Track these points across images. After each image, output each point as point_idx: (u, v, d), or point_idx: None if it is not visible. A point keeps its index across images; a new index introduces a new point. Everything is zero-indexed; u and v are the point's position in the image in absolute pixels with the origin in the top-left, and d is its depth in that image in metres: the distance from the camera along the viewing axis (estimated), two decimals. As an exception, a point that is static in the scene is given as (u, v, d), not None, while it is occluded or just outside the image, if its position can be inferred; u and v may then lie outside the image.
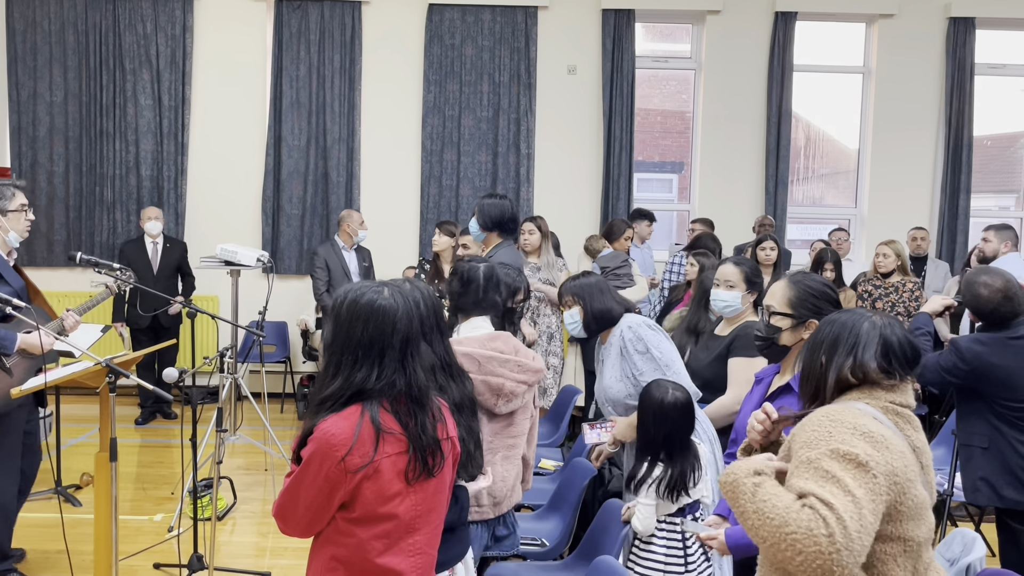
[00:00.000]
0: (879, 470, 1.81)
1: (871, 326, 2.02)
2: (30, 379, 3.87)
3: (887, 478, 1.82)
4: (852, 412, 1.90)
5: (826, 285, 2.83)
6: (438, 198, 8.13)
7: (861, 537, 1.73)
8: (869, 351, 1.98)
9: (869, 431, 1.85)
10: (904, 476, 1.85)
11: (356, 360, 1.99)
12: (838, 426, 1.87)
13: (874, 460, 1.81)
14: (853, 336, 2.02)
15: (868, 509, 1.77)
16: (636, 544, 3.19)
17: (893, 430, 1.91)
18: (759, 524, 1.81)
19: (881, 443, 1.84)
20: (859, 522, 1.74)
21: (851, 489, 1.77)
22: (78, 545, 4.45)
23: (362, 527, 1.99)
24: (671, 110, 8.86)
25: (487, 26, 8.05)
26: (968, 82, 8.21)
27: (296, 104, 8.04)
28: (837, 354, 2.02)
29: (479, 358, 2.86)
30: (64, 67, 7.95)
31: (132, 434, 6.92)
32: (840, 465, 1.81)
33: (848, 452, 1.81)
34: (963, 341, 3.64)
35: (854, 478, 1.79)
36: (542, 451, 5.15)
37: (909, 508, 1.86)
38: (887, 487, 1.81)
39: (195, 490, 4.35)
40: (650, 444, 3.16)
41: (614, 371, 3.47)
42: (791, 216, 8.39)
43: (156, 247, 7.12)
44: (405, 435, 2.00)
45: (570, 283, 3.65)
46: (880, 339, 2.00)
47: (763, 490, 1.85)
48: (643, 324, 3.47)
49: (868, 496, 1.78)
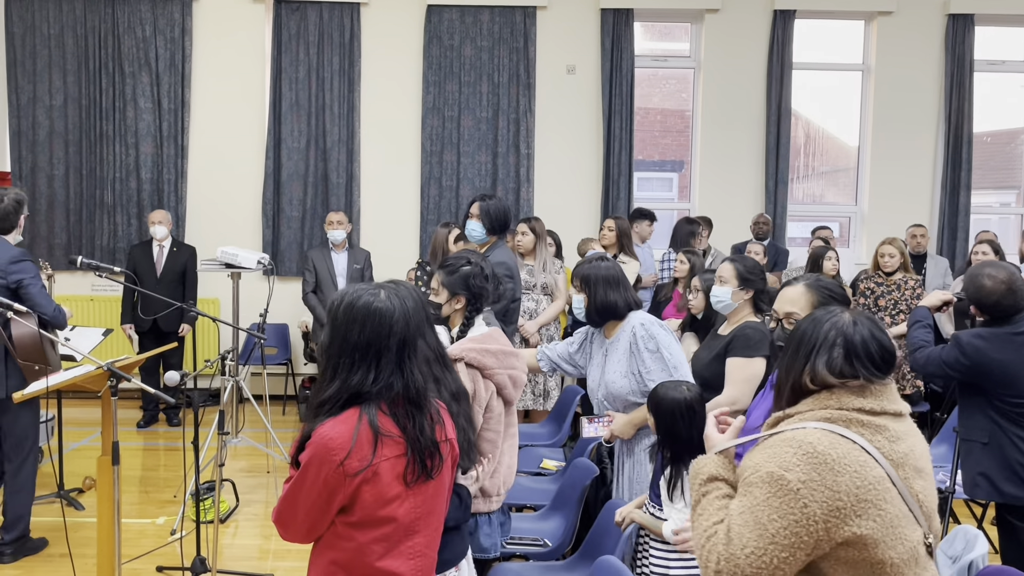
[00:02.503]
0: (815, 497, 1.75)
1: (832, 327, 1.92)
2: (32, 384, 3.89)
3: (826, 505, 1.75)
4: (810, 433, 1.82)
5: (839, 286, 2.83)
6: (438, 199, 8.13)
7: (759, 574, 1.75)
8: (823, 356, 1.89)
9: (818, 452, 1.78)
10: (860, 497, 1.77)
11: (353, 363, 1.99)
12: (786, 446, 1.81)
13: (809, 487, 1.75)
14: (812, 340, 1.93)
15: (782, 545, 1.75)
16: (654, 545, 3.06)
17: (860, 446, 1.82)
18: (692, 534, 1.94)
19: (831, 466, 1.77)
20: (760, 558, 1.75)
21: (764, 522, 1.76)
22: (81, 548, 4.46)
23: (361, 531, 1.99)
24: (670, 109, 8.86)
25: (486, 26, 8.05)
26: (967, 78, 8.20)
27: (295, 106, 8.04)
28: (797, 359, 1.94)
29: (496, 353, 2.91)
30: (63, 71, 7.95)
31: (134, 437, 6.93)
32: (767, 492, 1.78)
33: (780, 477, 1.77)
34: (965, 336, 3.63)
35: (777, 509, 1.76)
36: (544, 451, 5.16)
37: (874, 530, 1.77)
38: (825, 514, 1.75)
39: (197, 493, 4.36)
40: (682, 446, 2.99)
41: (619, 366, 3.44)
42: (791, 214, 8.38)
43: (162, 251, 7.12)
44: (403, 438, 2.00)
45: (581, 267, 3.58)
46: (843, 340, 1.90)
47: (701, 504, 1.92)
48: (655, 323, 3.44)
49: (787, 531, 1.75)
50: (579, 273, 3.53)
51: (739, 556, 1.76)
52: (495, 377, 2.92)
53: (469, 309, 3.05)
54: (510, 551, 3.65)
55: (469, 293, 3.04)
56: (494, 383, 2.93)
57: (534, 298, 6.14)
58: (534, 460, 4.98)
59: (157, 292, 5.90)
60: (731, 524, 1.81)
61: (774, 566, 1.75)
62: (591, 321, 3.54)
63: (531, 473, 4.82)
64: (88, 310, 7.88)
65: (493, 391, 2.94)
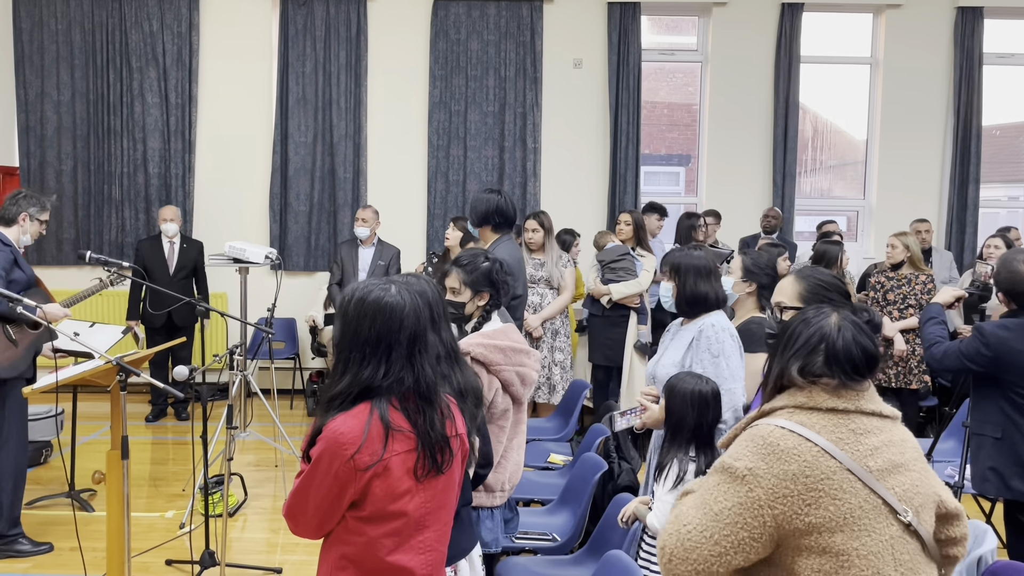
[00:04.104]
0: (759, 483, 1.81)
1: (817, 331, 1.94)
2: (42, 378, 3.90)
3: (771, 491, 1.80)
4: (764, 428, 1.89)
5: (835, 276, 2.81)
6: (445, 193, 8.13)
7: (699, 547, 1.81)
8: (799, 360, 1.93)
9: (768, 443, 1.84)
10: (810, 487, 1.79)
11: (364, 357, 2.00)
12: (742, 441, 1.90)
13: (754, 473, 1.82)
14: (796, 340, 1.96)
15: (726, 523, 1.81)
16: (648, 541, 3.11)
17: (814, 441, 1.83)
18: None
19: (778, 455, 1.82)
20: (701, 533, 1.82)
21: (709, 503, 1.84)
22: (90, 542, 4.48)
23: (372, 525, 2.00)
24: (678, 103, 8.84)
25: (492, 20, 8.04)
26: (976, 72, 8.17)
27: (302, 101, 8.04)
28: (782, 357, 1.98)
29: (506, 350, 2.91)
30: (71, 66, 7.97)
31: (143, 431, 6.95)
32: (718, 479, 1.87)
33: (730, 466, 1.86)
34: (988, 326, 3.60)
35: (724, 493, 1.84)
36: (552, 446, 5.17)
37: (828, 519, 1.79)
38: (770, 500, 1.80)
39: (206, 487, 4.37)
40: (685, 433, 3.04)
41: (675, 355, 3.34)
42: (799, 208, 8.36)
43: (173, 246, 7.14)
44: (414, 432, 2.00)
45: (673, 255, 3.45)
46: (824, 346, 1.91)
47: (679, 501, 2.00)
48: (728, 329, 3.31)
49: (731, 510, 1.82)
50: (670, 261, 3.40)
51: (681, 531, 1.84)
52: (501, 373, 2.92)
53: (490, 304, 3.05)
54: (518, 546, 3.65)
55: (493, 288, 3.04)
56: (499, 379, 2.93)
57: (539, 292, 6.15)
58: (542, 454, 4.98)
59: (170, 288, 5.91)
60: (681, 508, 1.91)
61: (714, 541, 1.81)
62: (680, 311, 3.39)
63: (538, 467, 4.82)
64: (95, 305, 7.90)
65: (498, 387, 2.94)
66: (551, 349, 6.24)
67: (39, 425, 5.86)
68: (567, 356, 6.31)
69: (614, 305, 6.24)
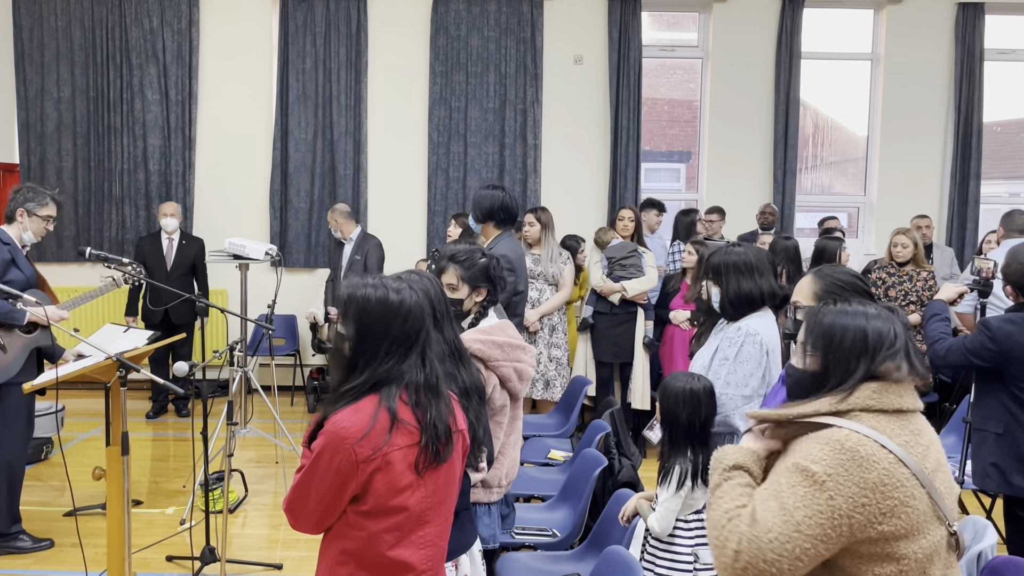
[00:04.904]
0: (840, 491, 1.74)
1: (892, 329, 1.89)
2: (42, 374, 3.91)
3: (852, 500, 1.74)
4: (838, 431, 1.80)
5: (855, 276, 2.74)
6: (445, 190, 8.12)
7: (780, 561, 1.71)
8: (866, 359, 1.86)
9: (846, 448, 1.77)
10: (887, 495, 1.75)
11: (370, 353, 2.01)
12: (814, 442, 1.81)
13: (835, 480, 1.74)
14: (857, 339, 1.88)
15: (806, 535, 1.72)
16: (653, 543, 3.06)
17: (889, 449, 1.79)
18: (708, 518, 1.88)
19: (859, 462, 1.75)
20: (783, 545, 1.72)
21: (789, 508, 1.74)
22: (91, 538, 4.49)
23: (373, 520, 2.00)
24: (678, 99, 8.82)
25: (493, 17, 8.03)
26: (977, 68, 8.16)
27: (303, 97, 8.04)
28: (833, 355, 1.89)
29: (503, 345, 2.91)
30: (71, 63, 7.97)
31: (144, 428, 6.96)
32: (794, 480, 1.78)
33: (807, 468, 1.77)
34: (994, 321, 3.59)
35: (802, 497, 1.75)
36: (552, 442, 5.17)
37: (899, 527, 1.76)
38: (850, 509, 1.73)
39: (207, 483, 4.37)
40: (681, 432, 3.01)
41: (705, 357, 3.25)
42: (800, 204, 8.36)
43: (172, 243, 7.14)
44: (418, 427, 2.01)
45: (713, 257, 3.25)
46: (902, 343, 1.88)
47: (721, 489, 1.88)
48: (756, 336, 3.12)
49: (811, 520, 1.73)
50: (711, 264, 3.23)
51: (762, 539, 1.74)
52: (499, 369, 2.92)
53: (487, 300, 3.05)
54: (518, 541, 3.66)
55: (490, 284, 3.04)
56: (497, 375, 2.93)
57: (537, 287, 6.15)
58: (541, 451, 4.98)
59: (168, 284, 5.90)
60: (756, 507, 1.79)
61: (795, 556, 1.73)
62: (725, 314, 3.21)
63: (538, 464, 4.83)
64: (94, 302, 7.90)
65: (496, 383, 2.94)
66: (548, 345, 6.24)
67: (39, 422, 5.84)
68: (564, 352, 6.31)
69: (623, 302, 6.23)
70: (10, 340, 4.26)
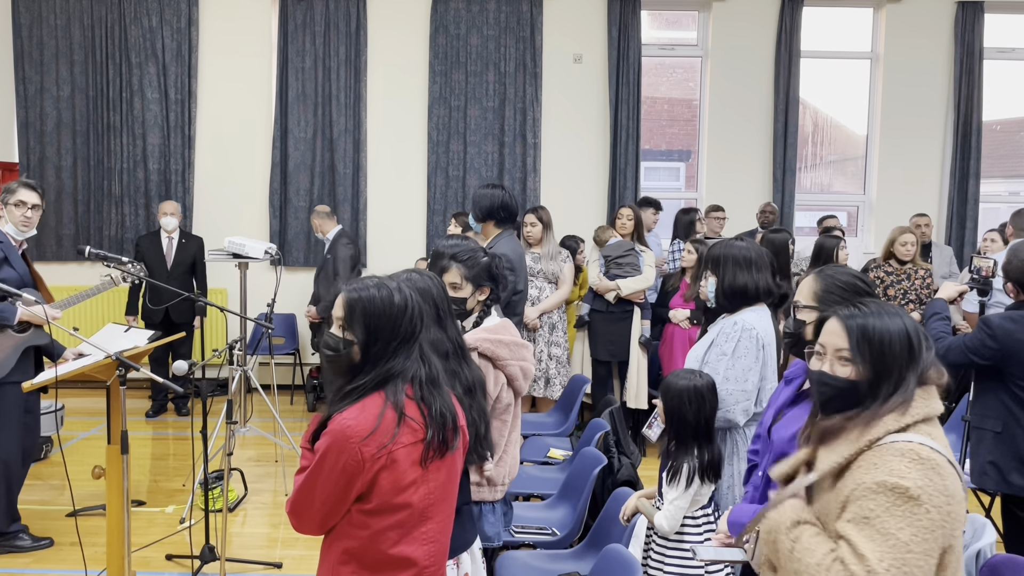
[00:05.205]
0: (933, 503, 1.65)
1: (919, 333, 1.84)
2: (42, 373, 3.90)
3: (942, 509, 1.65)
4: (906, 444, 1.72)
5: (855, 276, 2.73)
6: (445, 189, 8.12)
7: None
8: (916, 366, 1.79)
9: (924, 458, 1.69)
10: (960, 503, 1.69)
11: (379, 354, 2.03)
12: (888, 456, 1.71)
13: (927, 492, 1.65)
14: (920, 339, 1.81)
15: (917, 553, 1.61)
16: (660, 542, 3.04)
17: (951, 455, 1.75)
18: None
19: (937, 470, 1.68)
20: (900, 569, 1.60)
21: (892, 531, 1.63)
22: (91, 537, 4.49)
23: (377, 518, 2.01)
24: (678, 98, 8.82)
25: (492, 15, 8.02)
26: (977, 66, 8.16)
27: (302, 96, 8.04)
28: (913, 362, 1.80)
29: (509, 344, 2.92)
30: (71, 62, 7.97)
31: (143, 427, 6.96)
32: (885, 501, 1.66)
33: (898, 485, 1.65)
34: (995, 319, 3.59)
35: (901, 517, 1.64)
36: (552, 441, 5.17)
37: (956, 537, 1.70)
38: (942, 521, 1.65)
39: (206, 482, 4.37)
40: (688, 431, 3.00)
41: (699, 351, 3.25)
42: (799, 203, 8.36)
43: (171, 242, 7.14)
44: (424, 422, 2.03)
45: (713, 248, 3.27)
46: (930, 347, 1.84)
47: (799, 546, 1.76)
48: (751, 330, 3.12)
49: (918, 537, 1.63)
50: (711, 254, 3.25)
51: (878, 571, 1.63)
52: (507, 368, 2.93)
53: (490, 299, 3.05)
54: (518, 540, 3.66)
55: (493, 282, 3.04)
56: (505, 374, 2.94)
57: (537, 285, 6.16)
58: (541, 449, 4.98)
59: (168, 283, 5.90)
60: (854, 544, 1.67)
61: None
62: (720, 306, 3.22)
63: (538, 462, 4.83)
64: (94, 301, 7.91)
65: (503, 382, 2.95)
66: (548, 343, 6.24)
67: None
68: (564, 351, 6.31)
69: (619, 300, 6.24)
70: (2, 339, 4.23)
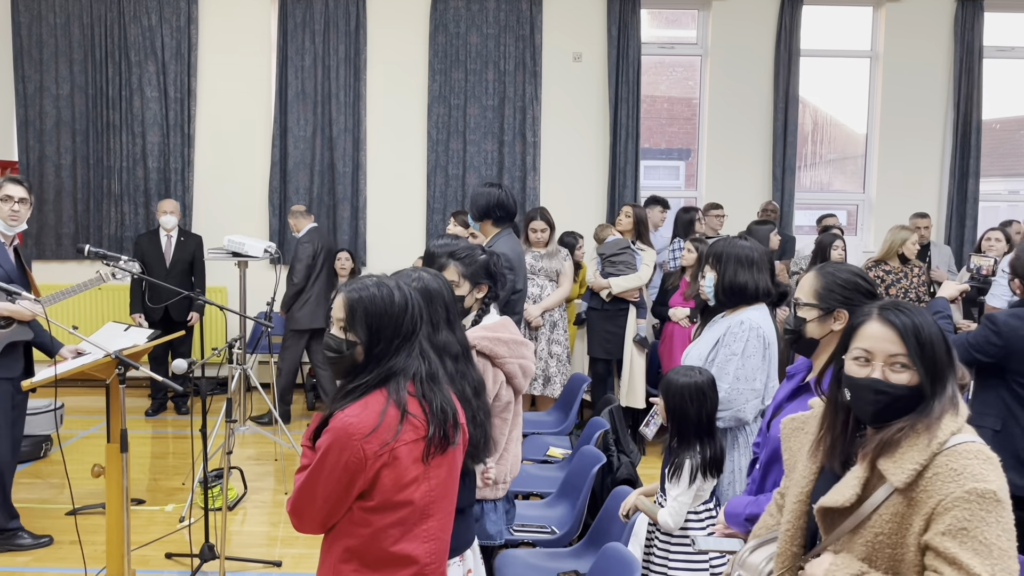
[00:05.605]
0: (1008, 502, 1.61)
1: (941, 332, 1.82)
2: (41, 372, 3.90)
3: (1010, 508, 1.62)
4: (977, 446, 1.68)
5: (857, 274, 2.73)
6: (444, 187, 8.12)
7: None
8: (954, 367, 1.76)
9: (990, 456, 1.67)
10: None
11: (382, 352, 2.03)
12: (962, 459, 1.65)
13: (1004, 491, 1.61)
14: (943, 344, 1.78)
15: (1013, 557, 1.54)
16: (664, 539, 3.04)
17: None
18: None
19: (998, 466, 1.65)
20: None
21: (993, 541, 1.56)
22: (90, 535, 4.49)
23: (378, 515, 2.01)
24: (677, 97, 8.82)
25: (491, 14, 8.02)
26: (976, 65, 8.15)
27: (301, 95, 8.03)
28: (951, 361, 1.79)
29: (509, 342, 2.92)
30: (70, 60, 7.96)
31: (143, 425, 6.96)
32: (980, 508, 1.59)
33: (987, 491, 1.59)
34: (1000, 316, 3.58)
35: (995, 523, 1.57)
36: (551, 439, 5.17)
37: None
38: (1012, 518, 1.61)
39: (206, 480, 4.37)
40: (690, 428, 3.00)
41: (703, 349, 3.25)
42: (798, 202, 8.35)
43: (170, 240, 7.13)
44: (426, 419, 2.03)
45: (716, 243, 3.29)
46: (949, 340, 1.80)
47: None
48: (757, 329, 3.13)
49: (1010, 541, 1.56)
50: (713, 250, 3.27)
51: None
52: (505, 366, 2.93)
53: (488, 297, 3.05)
54: (517, 538, 3.66)
55: (491, 280, 3.04)
56: (504, 372, 2.94)
57: (538, 283, 6.16)
58: (540, 448, 4.99)
59: (167, 282, 5.90)
60: (962, 563, 1.58)
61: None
62: (718, 302, 3.23)
63: (537, 461, 4.83)
64: (96, 299, 7.91)
65: (502, 380, 2.95)
66: (549, 341, 6.24)
67: (38, 419, 5.86)
68: (565, 349, 6.31)
69: (613, 299, 6.24)
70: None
